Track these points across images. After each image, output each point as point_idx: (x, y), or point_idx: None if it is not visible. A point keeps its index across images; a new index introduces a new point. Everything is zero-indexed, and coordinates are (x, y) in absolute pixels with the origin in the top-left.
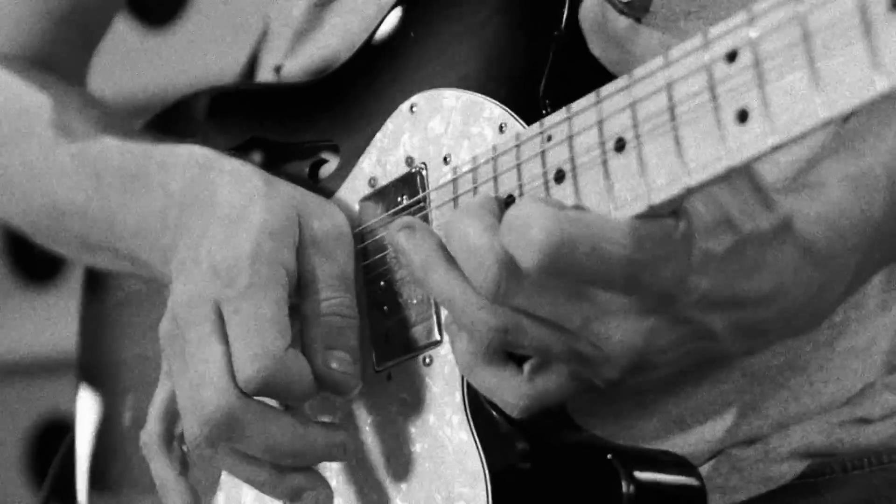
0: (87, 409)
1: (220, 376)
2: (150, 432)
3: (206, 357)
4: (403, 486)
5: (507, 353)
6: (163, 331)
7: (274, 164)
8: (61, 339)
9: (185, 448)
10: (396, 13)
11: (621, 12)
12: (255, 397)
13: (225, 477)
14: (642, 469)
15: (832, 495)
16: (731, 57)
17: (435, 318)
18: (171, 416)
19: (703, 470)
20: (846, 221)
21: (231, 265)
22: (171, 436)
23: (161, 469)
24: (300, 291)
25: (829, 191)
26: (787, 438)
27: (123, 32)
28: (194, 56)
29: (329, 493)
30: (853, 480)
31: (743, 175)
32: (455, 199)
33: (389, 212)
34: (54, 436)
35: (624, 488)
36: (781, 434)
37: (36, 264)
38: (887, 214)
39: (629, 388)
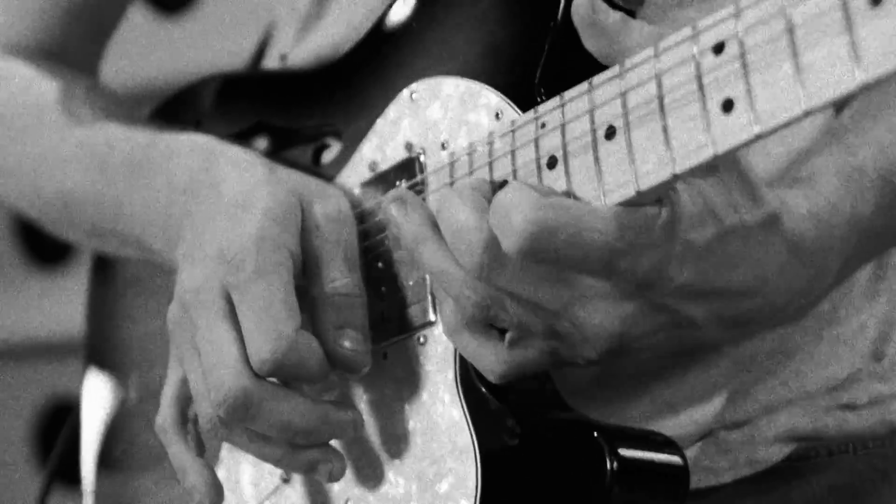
0: (92, 389)
1: (234, 359)
2: (165, 417)
3: (218, 341)
4: (396, 461)
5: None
6: (171, 317)
7: (277, 149)
8: (70, 322)
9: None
10: (399, 4)
11: (615, 6)
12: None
13: (225, 452)
14: (627, 447)
15: (817, 478)
16: (719, 49)
17: (430, 298)
18: (184, 399)
19: (691, 452)
20: (836, 218)
21: (237, 251)
22: (185, 419)
23: (178, 452)
24: (306, 274)
25: (819, 187)
26: (773, 422)
27: (137, 19)
28: (206, 44)
29: (343, 465)
30: (838, 464)
31: (731, 169)
32: (451, 184)
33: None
34: (61, 417)
35: (608, 465)
36: (768, 418)
37: (46, 247)
38: (877, 210)
39: (612, 369)
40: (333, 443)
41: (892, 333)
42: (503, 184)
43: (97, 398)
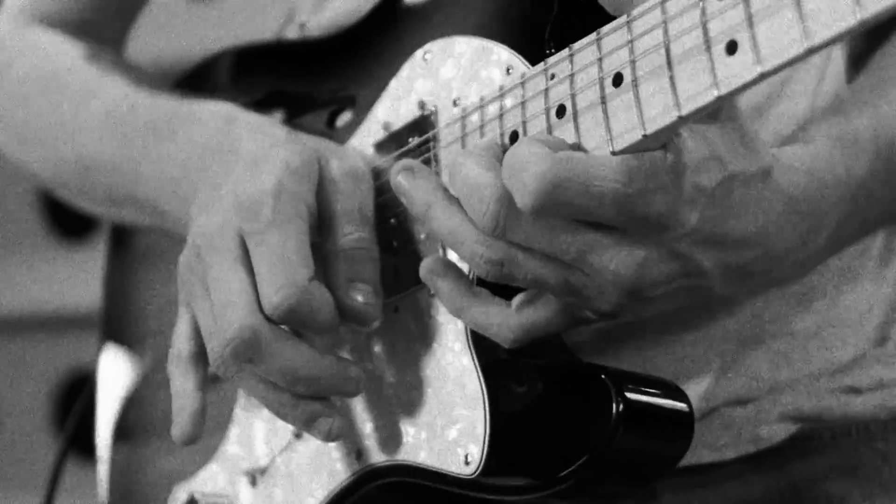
0: (108, 357)
1: (245, 300)
2: (180, 350)
3: (230, 282)
4: (407, 412)
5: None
6: (183, 261)
7: (292, 116)
8: (91, 295)
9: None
10: None
11: None
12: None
13: (239, 410)
14: (633, 391)
15: (819, 459)
16: None
17: (441, 251)
18: (199, 337)
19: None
20: (829, 175)
21: (255, 200)
22: (201, 356)
23: (181, 382)
24: (321, 228)
25: (814, 145)
26: (778, 401)
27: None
28: (233, 24)
29: (342, 423)
30: (840, 446)
31: (733, 120)
32: (463, 138)
33: (400, 151)
34: (80, 389)
35: (614, 407)
36: (773, 397)
37: (68, 221)
38: (871, 177)
39: (623, 327)
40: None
41: None
42: (515, 136)
43: (112, 365)
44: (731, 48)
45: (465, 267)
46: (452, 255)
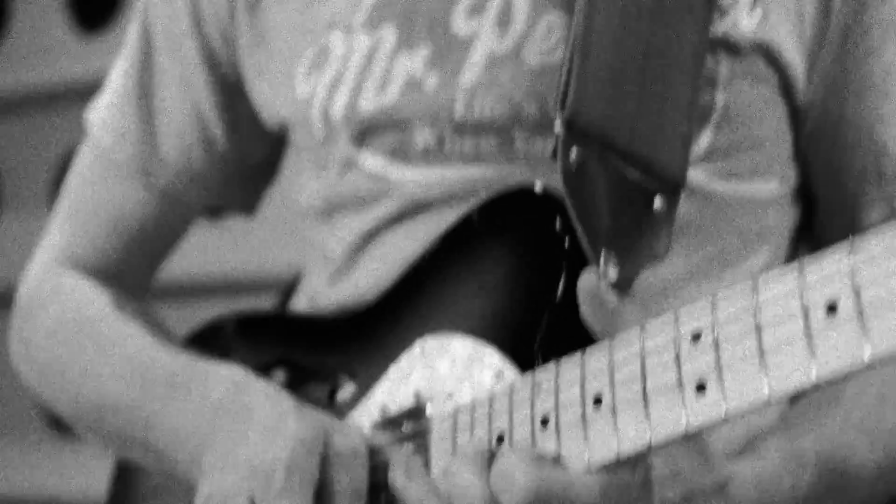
0: None
1: None
2: None
3: None
4: None
5: None
6: None
7: (296, 385)
8: (88, 489)
9: None
10: (419, 267)
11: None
12: None
13: None
14: None
15: None
16: (696, 337)
17: None
18: None
19: None
20: (776, 490)
21: (269, 469)
22: None
23: None
24: (319, 497)
25: (763, 462)
26: None
27: None
28: (248, 255)
29: None
30: None
31: (696, 439)
32: (453, 434)
33: (395, 438)
34: None
35: None
36: None
37: None
38: (813, 494)
39: None
40: None
41: None
42: (501, 439)
43: None
44: (701, 388)
45: None
46: None
